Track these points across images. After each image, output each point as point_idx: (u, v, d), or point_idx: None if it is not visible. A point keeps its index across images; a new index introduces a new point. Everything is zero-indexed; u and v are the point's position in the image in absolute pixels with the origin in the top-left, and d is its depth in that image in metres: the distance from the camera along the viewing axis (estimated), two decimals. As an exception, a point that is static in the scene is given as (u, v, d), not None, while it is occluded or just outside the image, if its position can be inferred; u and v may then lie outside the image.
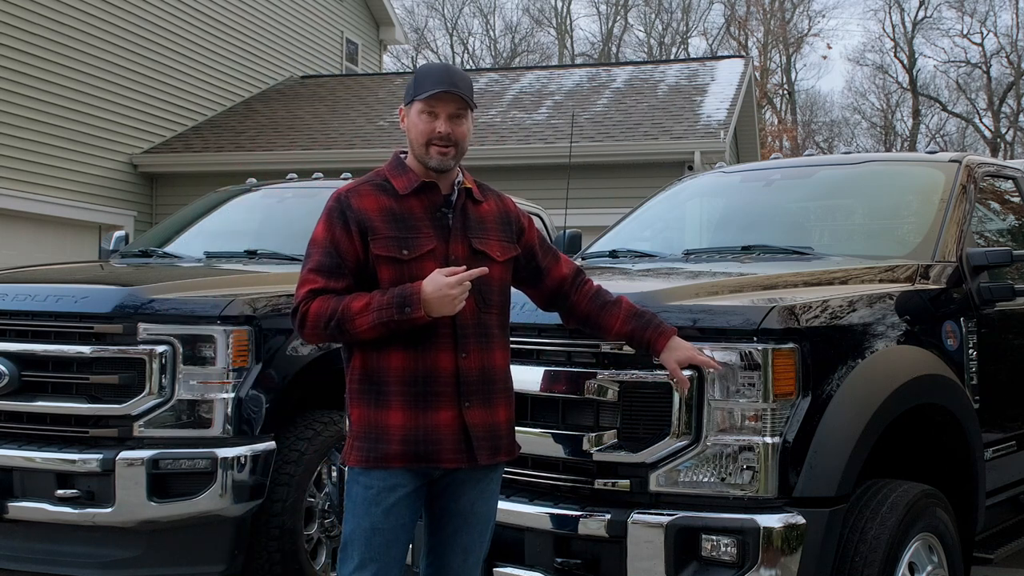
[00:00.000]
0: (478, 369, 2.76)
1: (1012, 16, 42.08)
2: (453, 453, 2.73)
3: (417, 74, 2.85)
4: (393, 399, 2.70)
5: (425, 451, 2.70)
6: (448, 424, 2.72)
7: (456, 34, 42.04)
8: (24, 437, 4.51)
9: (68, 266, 6.22)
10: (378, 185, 2.82)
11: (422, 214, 2.79)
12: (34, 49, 11.93)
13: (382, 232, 2.73)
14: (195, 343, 4.41)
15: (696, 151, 11.98)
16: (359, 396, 2.77)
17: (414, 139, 2.81)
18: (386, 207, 2.77)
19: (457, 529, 2.85)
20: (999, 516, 4.14)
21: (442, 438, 2.71)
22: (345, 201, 2.77)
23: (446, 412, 2.71)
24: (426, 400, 2.70)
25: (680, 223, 5.39)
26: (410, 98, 2.82)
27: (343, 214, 2.75)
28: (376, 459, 2.71)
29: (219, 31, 15.29)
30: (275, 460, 4.52)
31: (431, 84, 2.77)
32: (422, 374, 2.70)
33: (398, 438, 2.69)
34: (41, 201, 12.08)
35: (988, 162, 4.84)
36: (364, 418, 2.75)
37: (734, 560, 2.90)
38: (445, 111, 2.78)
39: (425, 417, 2.70)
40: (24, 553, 4.46)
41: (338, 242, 2.74)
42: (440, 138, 2.77)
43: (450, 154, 2.79)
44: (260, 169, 11.00)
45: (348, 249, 2.73)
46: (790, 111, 39.11)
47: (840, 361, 3.13)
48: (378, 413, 2.72)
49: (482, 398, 2.77)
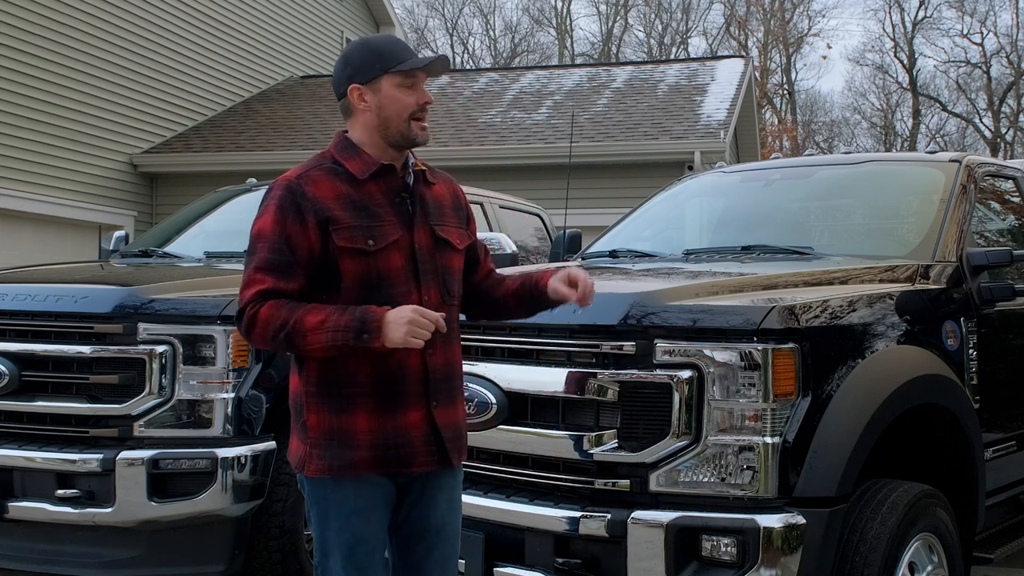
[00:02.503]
0: (443, 366, 2.60)
1: (1012, 16, 42.11)
2: (424, 456, 2.57)
3: (373, 47, 2.62)
4: (359, 401, 2.51)
5: (396, 455, 2.53)
6: (417, 425, 2.55)
7: (456, 34, 42.08)
8: (24, 437, 4.51)
9: (68, 266, 6.22)
10: (330, 169, 2.57)
11: (382, 200, 2.57)
12: (34, 49, 11.92)
13: (344, 222, 2.49)
14: (195, 343, 4.41)
15: (696, 151, 11.98)
16: (317, 400, 2.54)
17: (393, 115, 2.57)
18: (344, 194, 2.53)
19: (432, 546, 2.68)
20: (999, 516, 4.14)
21: (413, 440, 2.54)
22: (298, 189, 2.51)
23: (415, 412, 2.55)
24: (395, 401, 2.52)
25: (680, 223, 5.39)
26: (378, 72, 2.57)
27: (296, 204, 2.49)
28: (341, 467, 2.51)
29: (219, 31, 15.28)
30: (275, 460, 4.51)
31: (405, 53, 2.60)
32: (389, 374, 2.51)
33: (366, 443, 2.51)
34: (41, 201, 12.08)
35: (988, 162, 4.84)
36: (324, 424, 2.52)
37: (734, 560, 2.90)
38: (421, 80, 2.61)
39: (394, 419, 2.52)
40: (24, 553, 4.46)
41: (290, 236, 2.48)
42: (422, 109, 2.59)
43: (427, 128, 2.63)
44: (260, 169, 10.99)
45: (301, 243, 2.48)
46: (790, 111, 39.12)
47: (840, 361, 3.13)
48: (341, 418, 2.51)
49: (447, 396, 2.62)
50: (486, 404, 3.30)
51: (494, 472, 3.37)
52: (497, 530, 3.27)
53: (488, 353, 3.41)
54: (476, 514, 3.24)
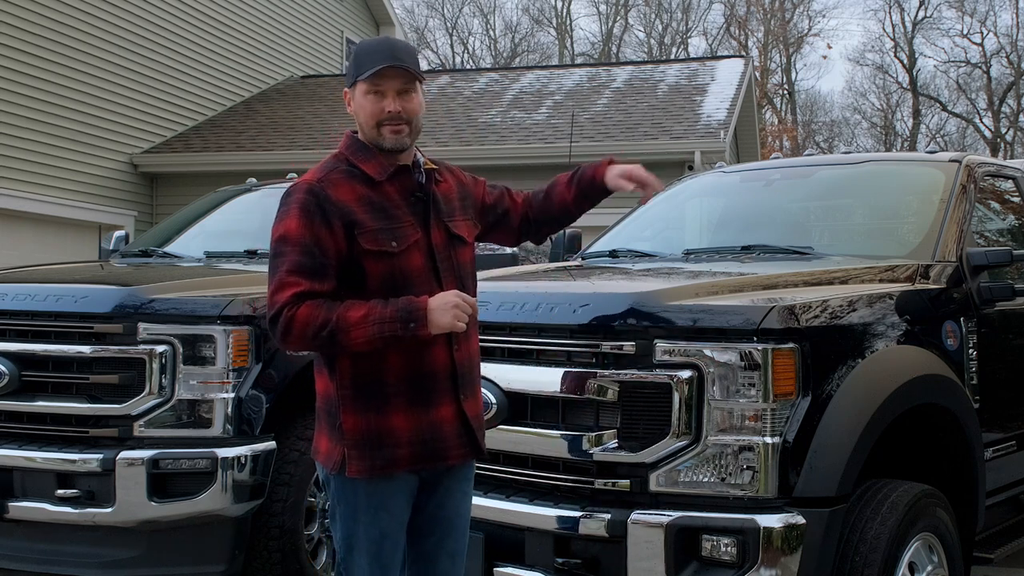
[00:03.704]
0: (467, 360, 2.70)
1: (1012, 16, 42.11)
2: (458, 448, 2.67)
3: (357, 53, 2.67)
4: (393, 400, 2.58)
5: (433, 450, 2.63)
6: (450, 419, 2.65)
7: (456, 34, 42.09)
8: (24, 437, 4.51)
9: (68, 266, 6.22)
10: (347, 172, 2.63)
11: (399, 200, 2.63)
12: (34, 49, 11.93)
13: (368, 225, 2.55)
14: (195, 343, 4.41)
15: (696, 151, 11.97)
16: (353, 401, 2.59)
17: (364, 122, 2.64)
18: (363, 196, 2.59)
19: (444, 535, 2.78)
20: (999, 516, 4.14)
21: (447, 435, 2.64)
22: (321, 193, 2.56)
23: (447, 407, 2.64)
24: (428, 397, 2.61)
25: (680, 223, 5.39)
26: (352, 79, 2.64)
27: (321, 208, 2.54)
28: (384, 466, 2.58)
29: (219, 31, 15.28)
30: (275, 460, 4.52)
31: (372, 61, 2.59)
32: (421, 372, 2.60)
33: (406, 440, 2.59)
34: (42, 201, 12.08)
35: (988, 162, 4.84)
36: (363, 425, 2.58)
37: (734, 560, 2.90)
38: (392, 87, 2.61)
39: (427, 415, 2.61)
40: (24, 553, 4.46)
41: (320, 240, 2.52)
42: (391, 117, 2.60)
43: (404, 132, 2.62)
44: (260, 169, 11.00)
45: (331, 247, 2.53)
46: (790, 111, 39.13)
47: (840, 361, 3.13)
48: (380, 418, 2.58)
49: (471, 389, 2.72)
50: (486, 404, 3.29)
51: (494, 472, 3.37)
52: (497, 530, 3.27)
53: (488, 353, 3.39)
54: (476, 514, 3.22)
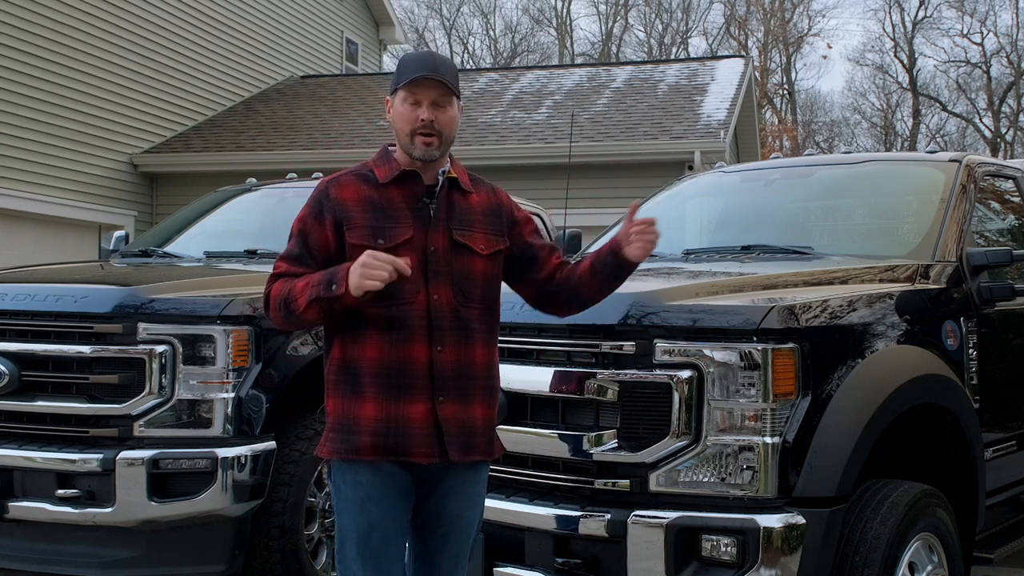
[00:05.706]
0: (453, 363, 2.69)
1: (1012, 16, 42.12)
2: (423, 447, 2.66)
3: (400, 62, 2.82)
4: (367, 390, 2.66)
5: (394, 443, 2.65)
6: (420, 417, 2.65)
7: (456, 34, 42.09)
8: (24, 437, 4.51)
9: (68, 266, 6.22)
10: (361, 175, 2.80)
11: (402, 203, 2.74)
12: (34, 49, 11.92)
13: (358, 221, 2.70)
14: (195, 343, 4.41)
15: (696, 151, 11.97)
16: (335, 387, 2.73)
17: (399, 129, 2.76)
18: (365, 196, 2.74)
19: (446, 534, 2.79)
20: (999, 516, 4.14)
21: (413, 431, 2.65)
22: (324, 191, 2.77)
23: (419, 405, 2.65)
24: (399, 392, 2.65)
25: (680, 223, 5.39)
26: (394, 87, 2.78)
27: (320, 203, 2.75)
28: (347, 451, 2.67)
29: (219, 31, 15.28)
30: (275, 460, 4.52)
31: (413, 70, 2.73)
32: (396, 365, 2.65)
33: (369, 430, 2.65)
34: (42, 201, 12.08)
35: (988, 162, 4.84)
36: (338, 409, 2.71)
37: (734, 560, 2.90)
38: (428, 97, 2.72)
39: (397, 409, 2.65)
40: (24, 553, 4.46)
41: (308, 232, 2.74)
42: (424, 126, 2.71)
43: (434, 144, 2.73)
44: (260, 169, 10.99)
45: (318, 239, 2.72)
46: (790, 111, 39.12)
47: (840, 361, 3.13)
48: (351, 404, 2.68)
49: (457, 393, 2.69)
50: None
51: (494, 472, 3.36)
52: (497, 530, 3.27)
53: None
54: (476, 514, 3.24)
